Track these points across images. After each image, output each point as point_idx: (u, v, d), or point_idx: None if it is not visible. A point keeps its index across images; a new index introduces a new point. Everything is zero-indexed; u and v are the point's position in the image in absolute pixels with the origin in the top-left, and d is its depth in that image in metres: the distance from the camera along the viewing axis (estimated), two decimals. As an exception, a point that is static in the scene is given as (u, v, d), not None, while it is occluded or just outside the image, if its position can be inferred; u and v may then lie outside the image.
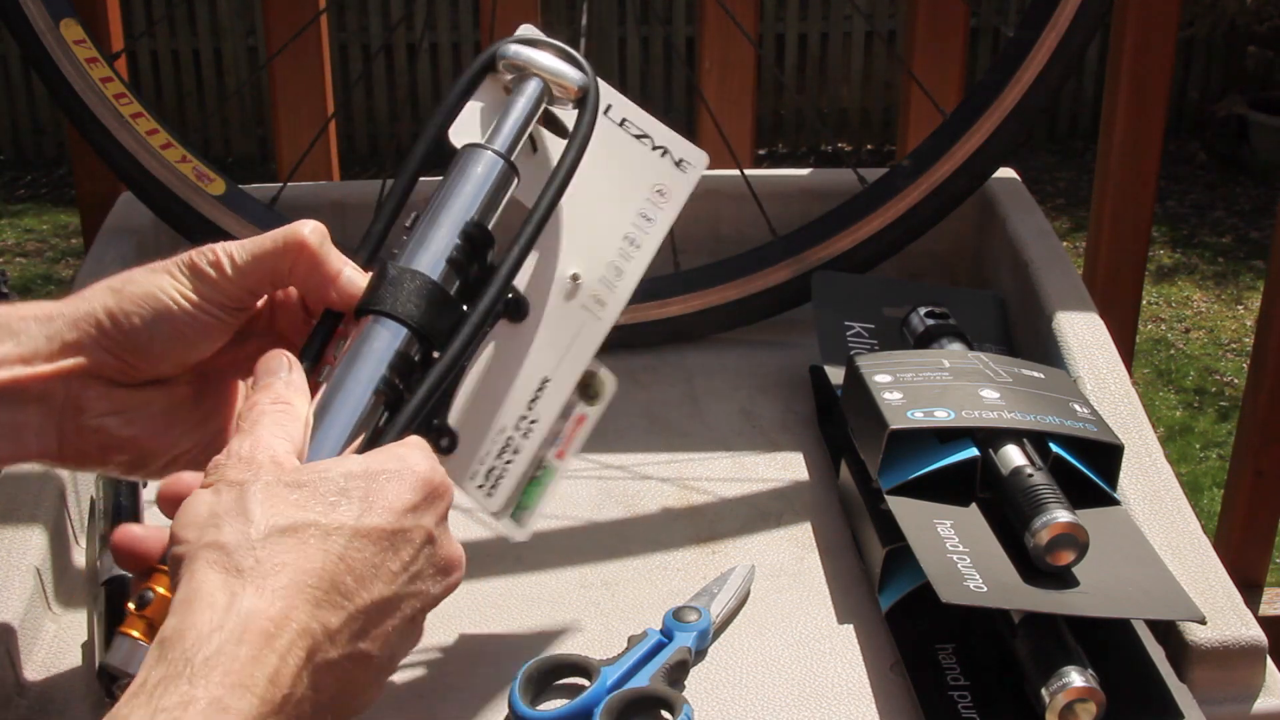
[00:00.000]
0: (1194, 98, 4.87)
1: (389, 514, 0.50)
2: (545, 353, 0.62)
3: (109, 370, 0.58)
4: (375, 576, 0.49)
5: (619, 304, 0.63)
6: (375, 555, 0.49)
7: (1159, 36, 1.20)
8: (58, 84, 0.94)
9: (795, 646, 0.67)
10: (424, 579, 0.51)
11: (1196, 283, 3.87)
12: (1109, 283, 1.28)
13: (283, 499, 0.49)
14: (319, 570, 0.47)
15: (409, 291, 0.56)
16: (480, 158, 0.60)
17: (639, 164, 0.64)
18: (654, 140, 0.65)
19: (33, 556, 0.69)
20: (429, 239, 0.58)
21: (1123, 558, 0.65)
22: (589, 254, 0.63)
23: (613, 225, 0.64)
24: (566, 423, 0.63)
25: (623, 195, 0.64)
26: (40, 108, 4.78)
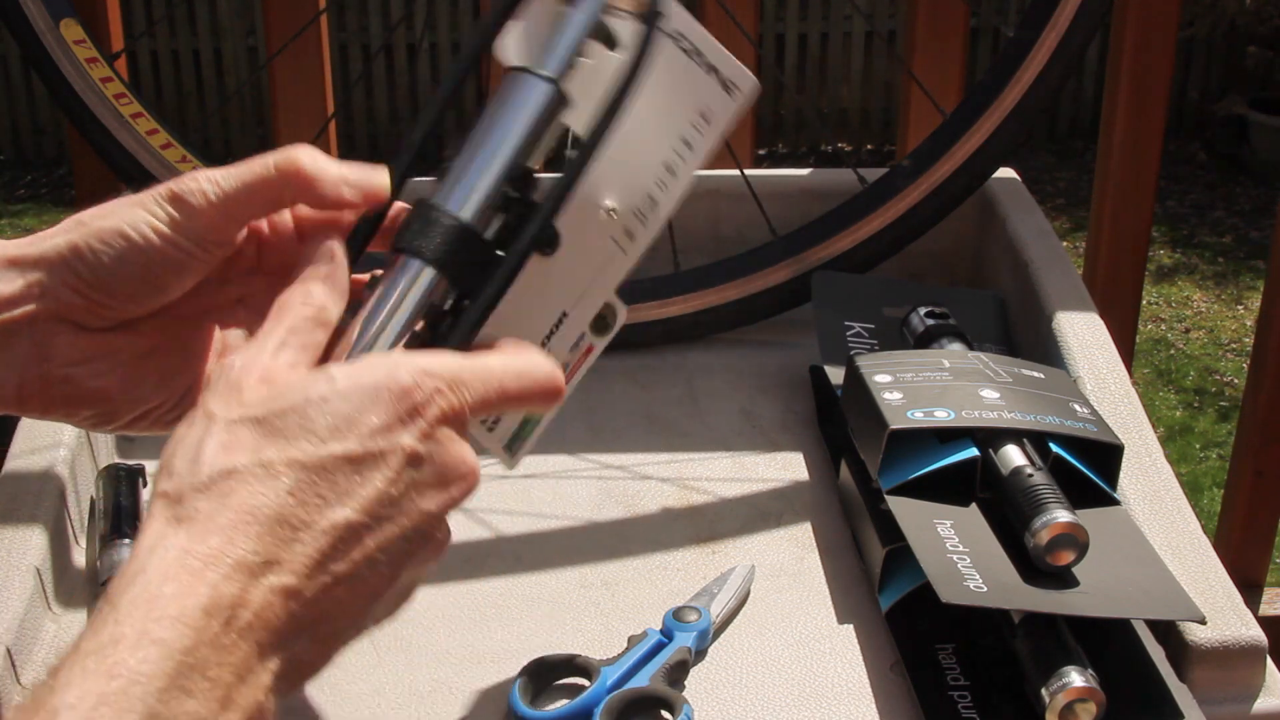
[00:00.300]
0: (1194, 98, 4.87)
1: (353, 439, 0.48)
2: (567, 287, 0.59)
3: (76, 313, 0.55)
4: (335, 504, 0.47)
5: (648, 237, 0.59)
6: (336, 483, 0.47)
7: (1159, 36, 1.20)
8: (58, 84, 0.94)
9: (795, 646, 0.67)
10: (410, 497, 0.49)
11: (1196, 283, 3.87)
12: (1109, 283, 1.28)
13: (239, 437, 0.47)
14: (260, 508, 0.46)
15: (442, 233, 0.54)
16: (531, 87, 0.55)
17: (686, 84, 0.59)
18: (705, 58, 0.59)
19: (33, 556, 0.69)
20: (471, 179, 0.55)
21: (1123, 558, 0.65)
22: (626, 182, 0.59)
23: (653, 151, 0.59)
24: (574, 354, 0.60)
25: (667, 118, 0.59)
26: (40, 108, 4.79)
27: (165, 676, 0.42)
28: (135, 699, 0.41)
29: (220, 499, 0.46)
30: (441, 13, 4.78)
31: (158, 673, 0.42)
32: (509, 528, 0.76)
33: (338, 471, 0.47)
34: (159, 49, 4.79)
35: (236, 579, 0.44)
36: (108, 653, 0.42)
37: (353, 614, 0.48)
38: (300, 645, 0.47)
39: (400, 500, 0.49)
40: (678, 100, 0.59)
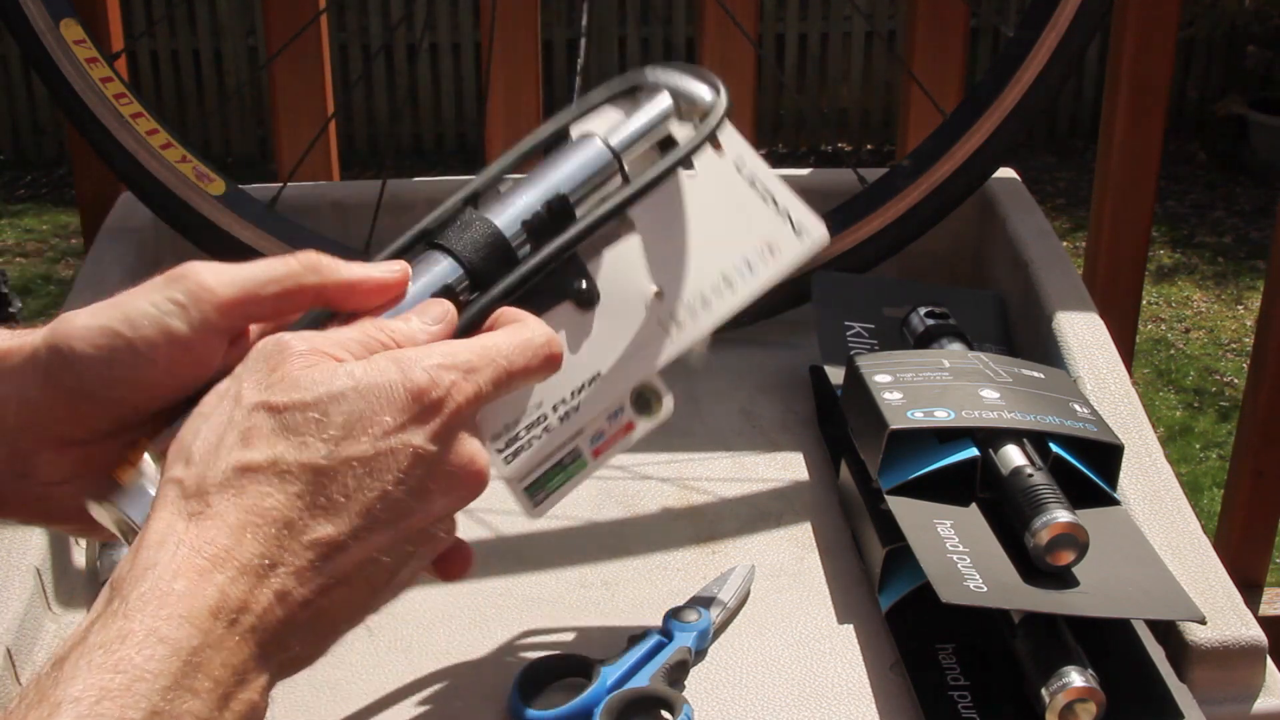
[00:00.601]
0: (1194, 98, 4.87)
1: (366, 440, 0.48)
2: (603, 350, 0.62)
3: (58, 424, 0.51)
4: (342, 510, 0.47)
5: (696, 332, 0.63)
6: (346, 486, 0.47)
7: (1159, 36, 1.20)
8: (58, 84, 0.94)
9: (795, 646, 0.67)
10: (419, 497, 0.49)
11: (1196, 283, 3.87)
12: (1109, 283, 1.28)
13: (258, 427, 0.47)
14: (269, 510, 0.46)
15: (474, 235, 0.57)
16: (589, 145, 0.60)
17: (758, 217, 0.65)
18: (778, 202, 0.65)
19: (33, 556, 0.69)
20: (512, 198, 0.58)
21: (1123, 558, 0.65)
22: (679, 276, 0.64)
23: (714, 260, 0.64)
24: (613, 425, 0.63)
25: (733, 239, 0.64)
26: (40, 108, 4.79)
27: (170, 675, 0.42)
28: (140, 695, 0.41)
29: (233, 498, 0.46)
30: (441, 13, 4.78)
31: (164, 671, 0.42)
32: (509, 528, 0.76)
33: (348, 474, 0.47)
34: (159, 49, 4.80)
35: (242, 581, 0.45)
36: (115, 647, 0.42)
37: (350, 612, 0.49)
38: (297, 644, 0.47)
39: (407, 501, 0.49)
40: (747, 227, 0.64)
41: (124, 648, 0.42)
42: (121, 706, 0.41)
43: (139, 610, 0.43)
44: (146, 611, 0.43)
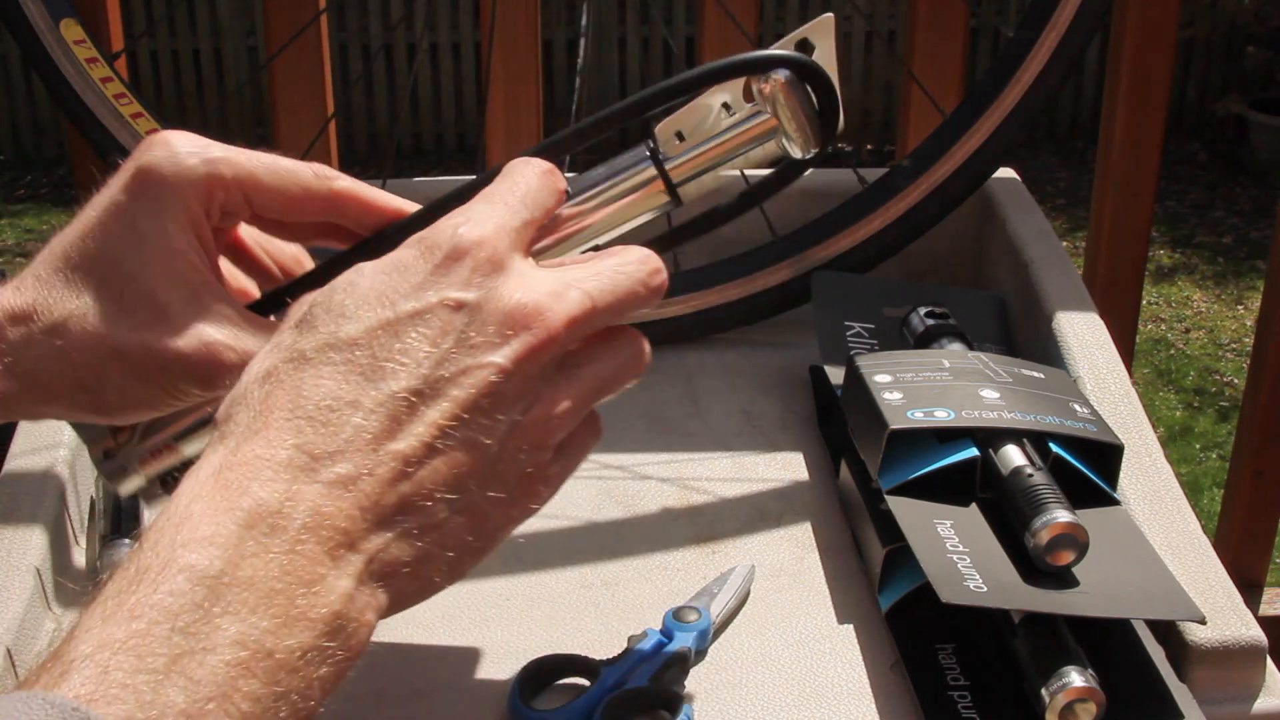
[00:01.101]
0: (1194, 98, 4.87)
1: (385, 306, 0.44)
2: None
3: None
4: (380, 376, 0.43)
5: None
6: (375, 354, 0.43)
7: (1159, 36, 1.20)
8: (58, 84, 0.94)
9: (795, 646, 0.67)
10: (467, 352, 0.44)
11: (1196, 283, 3.87)
12: (1109, 283, 1.28)
13: (277, 341, 0.45)
14: (300, 400, 0.42)
15: None
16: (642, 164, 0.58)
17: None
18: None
19: (33, 556, 0.69)
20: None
21: (1123, 558, 0.65)
22: None
23: None
24: None
25: None
26: (40, 108, 4.79)
27: (196, 607, 0.37)
28: (159, 639, 0.37)
29: (258, 404, 0.43)
30: (441, 13, 4.78)
31: (187, 605, 0.37)
32: (509, 528, 0.76)
33: (374, 342, 0.43)
34: (159, 49, 4.80)
35: (280, 481, 0.40)
36: (130, 591, 0.38)
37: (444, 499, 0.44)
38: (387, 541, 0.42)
39: (455, 358, 0.44)
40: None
41: (139, 589, 0.38)
42: (139, 655, 0.36)
43: (154, 545, 0.39)
44: (162, 544, 0.39)
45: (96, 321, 0.51)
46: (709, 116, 0.58)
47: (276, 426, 0.42)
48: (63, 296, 0.51)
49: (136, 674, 0.36)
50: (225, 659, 0.37)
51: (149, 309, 0.51)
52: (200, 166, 0.53)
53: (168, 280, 0.51)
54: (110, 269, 0.51)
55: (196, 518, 0.39)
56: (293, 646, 0.39)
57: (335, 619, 0.40)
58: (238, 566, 0.38)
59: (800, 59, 0.56)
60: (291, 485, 0.40)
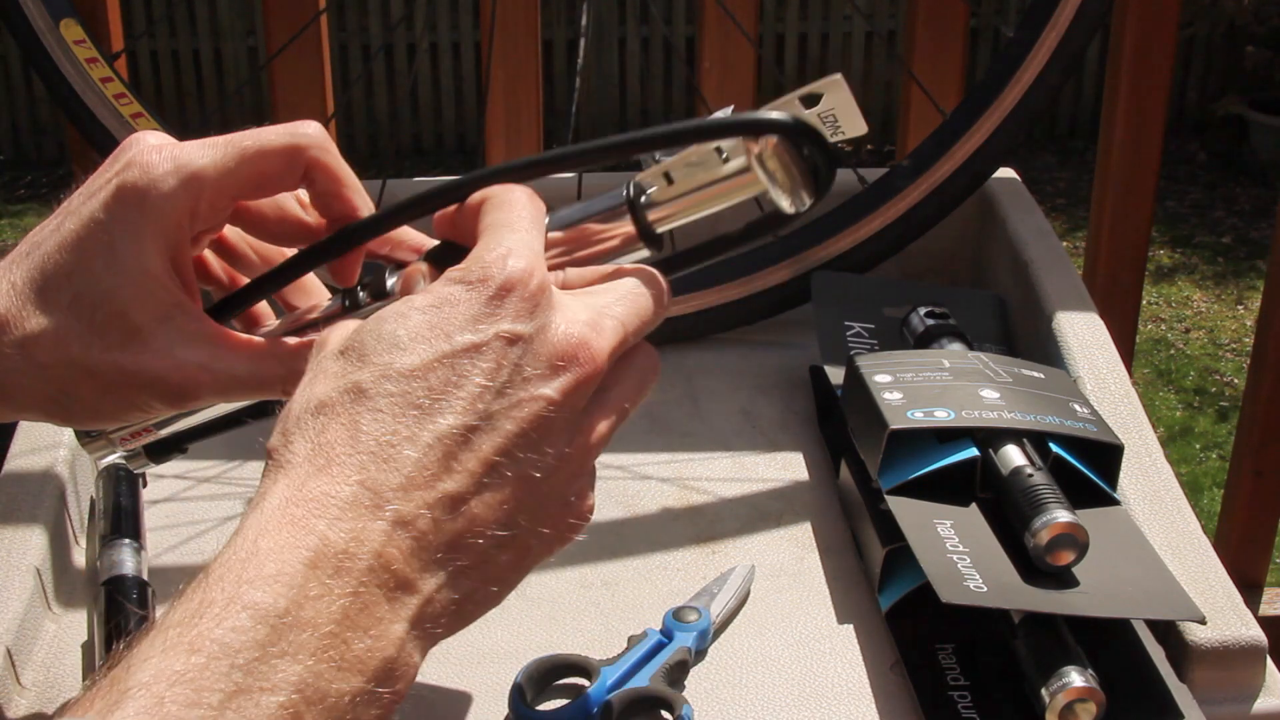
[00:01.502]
0: (1194, 98, 4.87)
1: (440, 338, 0.44)
2: None
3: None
4: (435, 411, 0.43)
5: None
6: (432, 387, 0.43)
7: (1159, 36, 1.20)
8: (58, 84, 0.94)
9: (795, 646, 0.67)
10: (520, 385, 0.44)
11: (1196, 283, 3.87)
12: (1109, 283, 1.28)
13: (325, 369, 0.44)
14: (359, 435, 0.42)
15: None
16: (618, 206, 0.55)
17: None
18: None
19: (33, 556, 0.69)
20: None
21: (1123, 558, 0.65)
22: None
23: None
24: None
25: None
26: (40, 108, 4.79)
27: (257, 645, 0.37)
28: (218, 675, 0.37)
29: (314, 436, 0.42)
30: (442, 13, 4.78)
31: (248, 643, 0.37)
32: (509, 528, 0.76)
33: (430, 374, 0.43)
34: (159, 49, 4.80)
35: (347, 521, 0.40)
36: (192, 623, 0.38)
37: (495, 536, 0.44)
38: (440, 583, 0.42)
39: (507, 391, 0.44)
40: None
41: (201, 622, 0.37)
42: (196, 690, 0.36)
43: (219, 579, 0.38)
44: (228, 579, 0.38)
45: (68, 340, 0.51)
46: (700, 159, 0.56)
47: (340, 462, 0.42)
48: (35, 311, 0.51)
49: (191, 708, 0.36)
50: (280, 700, 0.37)
51: (121, 329, 0.51)
52: (179, 189, 0.52)
53: (142, 302, 0.51)
54: (85, 287, 0.51)
55: (263, 554, 0.39)
56: (344, 690, 0.39)
57: (387, 664, 0.40)
58: (301, 607, 0.38)
59: (794, 124, 0.54)
60: (356, 523, 0.40)
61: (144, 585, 0.69)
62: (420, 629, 0.42)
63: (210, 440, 0.63)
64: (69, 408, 0.52)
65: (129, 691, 0.36)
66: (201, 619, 0.38)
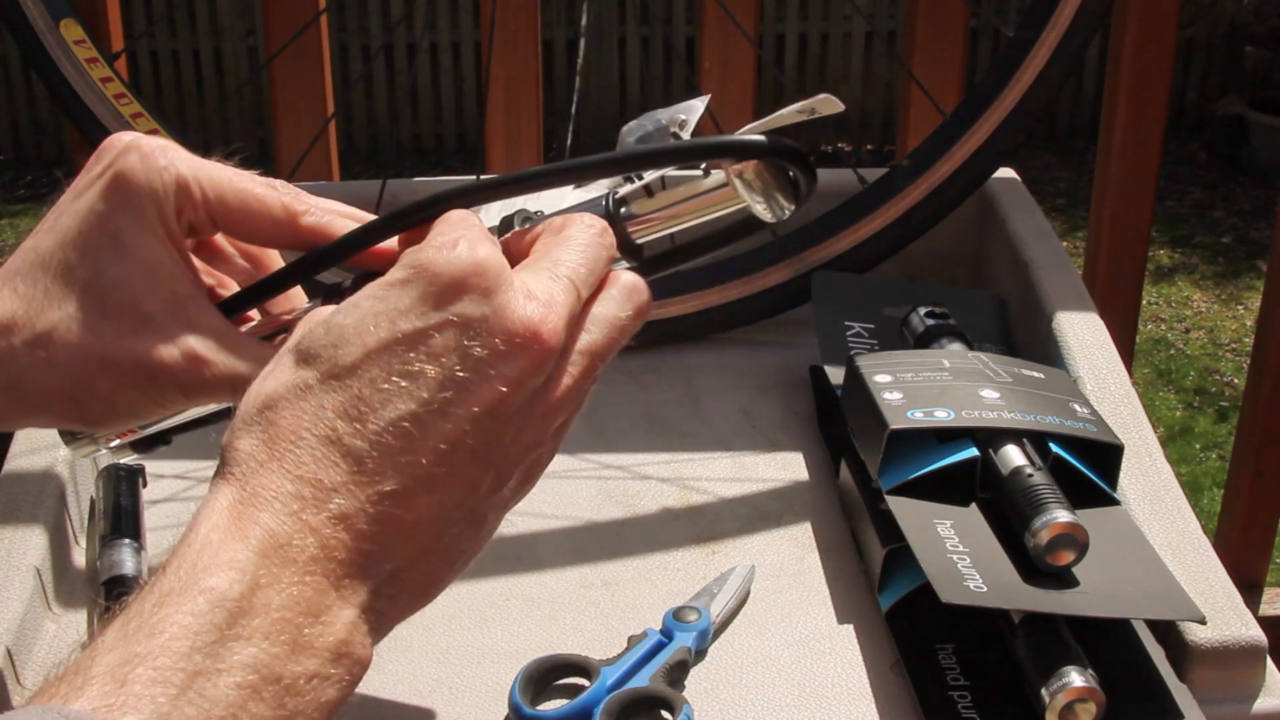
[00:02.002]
0: (1194, 98, 4.87)
1: (384, 327, 0.43)
2: None
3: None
4: (382, 403, 0.42)
5: None
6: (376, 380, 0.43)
7: (1159, 36, 1.20)
8: (58, 84, 0.94)
9: (795, 646, 0.67)
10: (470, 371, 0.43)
11: (1196, 283, 3.87)
12: (1109, 283, 1.28)
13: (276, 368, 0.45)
14: (303, 430, 0.42)
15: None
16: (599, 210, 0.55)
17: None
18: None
19: (33, 556, 0.69)
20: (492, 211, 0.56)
21: (1123, 558, 0.65)
22: None
23: None
24: None
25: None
26: (40, 108, 4.79)
27: (215, 629, 0.38)
28: (178, 655, 0.38)
29: (261, 433, 0.43)
30: (441, 13, 4.78)
31: (206, 625, 0.38)
32: (509, 528, 0.76)
33: (375, 366, 0.43)
34: (159, 49, 4.80)
35: (290, 511, 0.41)
36: (150, 611, 0.39)
37: (444, 523, 0.44)
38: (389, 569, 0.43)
39: (458, 376, 0.43)
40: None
41: (161, 609, 0.39)
42: (157, 669, 0.37)
43: (176, 570, 0.40)
44: (183, 569, 0.39)
45: (81, 332, 0.51)
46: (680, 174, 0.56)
47: (282, 458, 0.42)
48: (44, 308, 0.51)
49: (154, 685, 0.37)
50: (237, 680, 0.38)
51: (134, 318, 0.51)
52: (172, 184, 0.53)
53: (152, 290, 0.51)
54: (93, 278, 0.51)
55: (215, 545, 0.40)
56: (299, 672, 0.40)
57: (340, 646, 0.41)
58: (253, 593, 0.39)
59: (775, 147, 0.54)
60: (300, 517, 0.41)
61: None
62: (372, 613, 0.43)
63: (210, 440, 0.63)
64: (87, 405, 0.52)
65: (93, 677, 0.37)
66: (161, 607, 0.39)
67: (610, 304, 0.50)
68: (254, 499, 0.41)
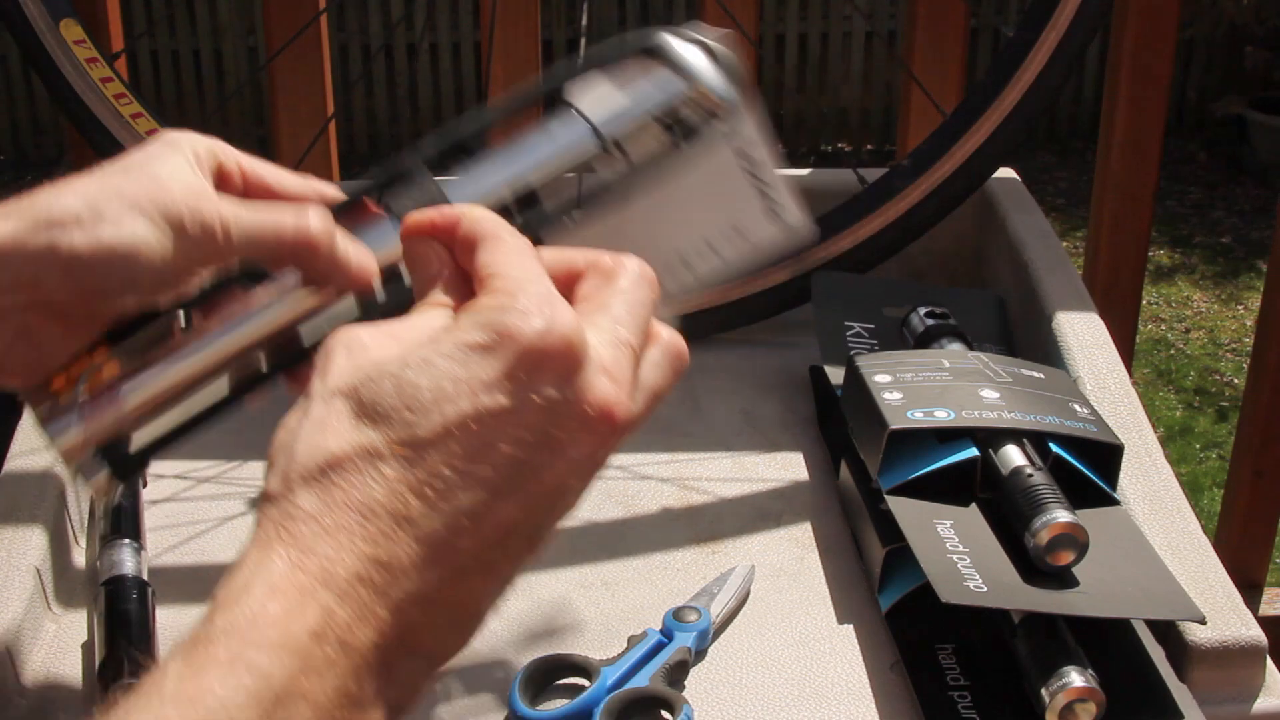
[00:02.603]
0: (1194, 98, 4.87)
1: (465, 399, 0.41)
2: None
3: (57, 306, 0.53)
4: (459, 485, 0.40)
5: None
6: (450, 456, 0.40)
7: (1159, 36, 1.20)
8: (58, 84, 0.94)
9: (795, 646, 0.67)
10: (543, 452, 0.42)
11: (1196, 283, 3.87)
12: (1109, 283, 1.28)
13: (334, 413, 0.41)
14: (371, 504, 0.40)
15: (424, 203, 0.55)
16: (574, 127, 0.56)
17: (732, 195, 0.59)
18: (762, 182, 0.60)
19: (33, 556, 0.69)
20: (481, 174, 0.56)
21: (1123, 558, 0.65)
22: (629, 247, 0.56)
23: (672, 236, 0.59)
24: None
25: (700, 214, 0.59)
26: (40, 108, 4.79)
27: (259, 708, 0.36)
28: None
29: (324, 494, 0.40)
30: (442, 13, 4.78)
31: (249, 703, 0.36)
32: (509, 528, 0.76)
33: (453, 441, 0.40)
34: (159, 49, 4.79)
35: (354, 596, 0.39)
36: (194, 677, 0.37)
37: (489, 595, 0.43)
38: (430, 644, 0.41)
39: (531, 460, 0.42)
40: (717, 205, 0.59)
41: (204, 677, 0.37)
42: None
43: (225, 637, 0.37)
44: (234, 638, 0.37)
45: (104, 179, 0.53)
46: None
47: (350, 530, 0.39)
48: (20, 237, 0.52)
49: None
50: None
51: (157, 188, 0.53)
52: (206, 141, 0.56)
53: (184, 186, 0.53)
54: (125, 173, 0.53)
55: (270, 618, 0.38)
56: None
57: None
58: (303, 676, 0.37)
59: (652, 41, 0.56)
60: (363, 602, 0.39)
61: (144, 585, 0.69)
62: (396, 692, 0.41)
63: (210, 440, 0.63)
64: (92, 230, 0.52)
65: None
66: (204, 674, 0.37)
67: (657, 373, 0.48)
68: (317, 572, 0.39)
